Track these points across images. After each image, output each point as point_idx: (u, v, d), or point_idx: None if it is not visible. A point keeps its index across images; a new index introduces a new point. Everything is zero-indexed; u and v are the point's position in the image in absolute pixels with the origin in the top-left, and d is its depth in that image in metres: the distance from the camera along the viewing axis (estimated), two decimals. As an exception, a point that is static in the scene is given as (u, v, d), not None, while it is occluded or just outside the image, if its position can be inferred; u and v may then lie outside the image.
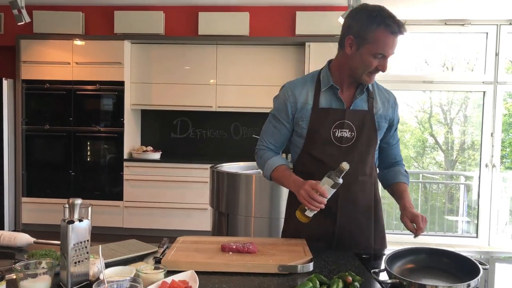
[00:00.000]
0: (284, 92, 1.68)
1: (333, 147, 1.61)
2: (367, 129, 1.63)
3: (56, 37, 4.90)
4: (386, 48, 1.49)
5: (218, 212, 3.26)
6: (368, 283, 1.23)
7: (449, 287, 1.10)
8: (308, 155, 1.65)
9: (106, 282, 1.09)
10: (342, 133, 1.61)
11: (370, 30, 1.48)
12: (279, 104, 1.70)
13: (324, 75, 1.66)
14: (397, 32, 1.48)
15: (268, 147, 1.74)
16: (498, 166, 5.12)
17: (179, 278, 1.18)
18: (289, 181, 1.58)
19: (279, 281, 1.26)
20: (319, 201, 1.41)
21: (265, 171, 1.71)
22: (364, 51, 1.51)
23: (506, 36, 5.03)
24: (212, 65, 4.97)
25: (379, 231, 1.74)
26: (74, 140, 4.97)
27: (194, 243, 1.51)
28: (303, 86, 1.67)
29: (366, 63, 1.52)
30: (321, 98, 1.63)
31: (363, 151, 1.63)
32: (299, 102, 1.64)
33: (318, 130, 1.61)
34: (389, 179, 1.78)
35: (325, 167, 1.54)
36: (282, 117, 1.68)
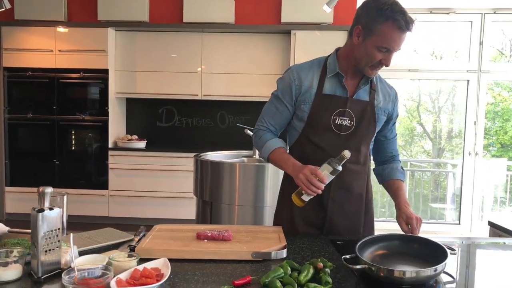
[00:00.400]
0: (290, 74, 1.67)
1: (332, 133, 1.62)
2: (367, 120, 1.65)
3: (38, 24, 4.81)
4: (391, 42, 1.49)
5: (202, 201, 3.26)
6: (339, 269, 1.25)
7: (416, 272, 1.12)
8: (306, 139, 1.66)
9: (77, 270, 1.09)
10: (342, 121, 1.63)
11: (378, 23, 1.48)
12: (283, 86, 1.68)
13: (331, 61, 1.66)
14: (404, 28, 1.47)
15: (268, 128, 1.73)
16: (480, 154, 5.19)
17: (152, 265, 1.18)
18: (288, 164, 1.58)
19: (253, 268, 1.27)
20: (317, 186, 1.43)
21: (263, 152, 1.70)
22: (370, 42, 1.51)
23: (490, 25, 5.06)
24: (198, 53, 4.93)
25: (368, 220, 1.77)
26: (58, 129, 4.92)
27: (170, 231, 1.51)
28: (309, 70, 1.66)
29: (370, 55, 1.53)
30: (326, 84, 1.64)
31: (360, 141, 1.66)
32: (304, 86, 1.64)
33: (319, 116, 1.62)
34: (385, 176, 1.80)
35: (322, 153, 1.59)
36: (285, 99, 1.67)
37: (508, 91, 5.71)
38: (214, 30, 4.86)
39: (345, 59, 1.64)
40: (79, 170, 4.94)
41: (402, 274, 1.12)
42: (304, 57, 4.51)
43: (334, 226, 1.69)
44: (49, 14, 4.82)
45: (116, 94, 5.00)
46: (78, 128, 4.94)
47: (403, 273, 1.12)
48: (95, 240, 1.46)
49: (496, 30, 5.29)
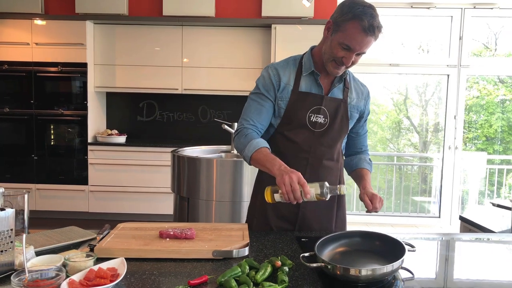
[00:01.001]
0: (270, 70, 1.67)
1: (307, 130, 1.64)
2: (340, 117, 1.67)
3: (14, 16, 4.70)
4: (352, 41, 1.49)
5: (179, 197, 3.24)
6: (298, 267, 1.25)
7: (371, 269, 1.12)
8: (281, 135, 1.67)
9: (28, 272, 1.07)
10: (317, 118, 1.65)
11: (345, 20, 1.50)
12: (265, 82, 1.67)
13: (306, 60, 1.67)
14: (367, 31, 1.47)
15: (255, 126, 1.64)
16: (460, 148, 5.25)
17: (108, 265, 1.17)
18: (274, 164, 1.46)
19: (213, 266, 1.26)
20: (296, 198, 1.35)
21: (246, 150, 1.57)
22: (335, 38, 1.53)
23: (470, 20, 5.10)
24: (178, 47, 4.88)
25: (340, 216, 1.79)
26: (36, 123, 4.83)
27: (134, 230, 1.49)
28: (286, 67, 1.68)
29: (333, 50, 1.55)
30: (302, 82, 1.65)
31: (334, 138, 1.68)
32: (282, 82, 1.65)
33: (295, 113, 1.64)
34: (353, 165, 1.83)
35: (297, 148, 1.62)
36: (269, 94, 1.65)
37: (493, 85, 5.76)
38: (194, 24, 4.81)
39: (319, 56, 1.65)
40: (58, 165, 4.87)
41: (358, 272, 1.12)
42: (284, 51, 4.52)
43: (306, 222, 1.70)
44: (25, 6, 4.72)
45: (96, 88, 4.93)
46: (56, 123, 4.86)
47: (359, 271, 1.12)
48: (55, 239, 1.44)
49: (481, 24, 5.34)
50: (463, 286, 1.26)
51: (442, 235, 1.83)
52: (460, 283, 1.28)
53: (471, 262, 1.47)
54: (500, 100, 5.77)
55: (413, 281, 1.23)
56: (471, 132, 5.81)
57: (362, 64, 5.24)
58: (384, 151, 6.03)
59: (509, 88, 5.71)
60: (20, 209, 1.49)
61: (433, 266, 1.42)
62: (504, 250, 1.64)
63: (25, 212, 1.51)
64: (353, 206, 5.68)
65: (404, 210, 5.66)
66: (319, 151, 1.67)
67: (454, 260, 1.49)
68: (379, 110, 5.92)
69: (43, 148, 4.86)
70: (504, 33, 5.46)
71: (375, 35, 1.50)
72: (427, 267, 1.38)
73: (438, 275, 1.33)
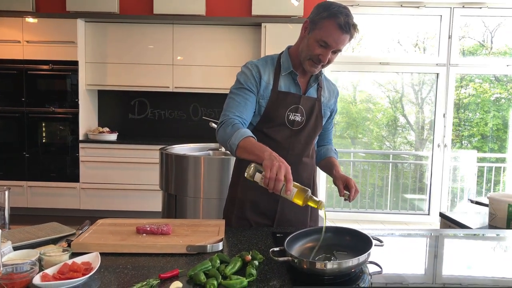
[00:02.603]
0: (251, 67, 1.68)
1: (285, 128, 1.69)
2: (315, 116, 1.74)
3: (5, 14, 4.72)
4: (329, 38, 1.54)
5: (167, 194, 3.28)
6: (269, 261, 1.29)
7: (337, 263, 1.16)
8: (260, 132, 1.69)
9: (2, 266, 1.10)
10: (295, 116, 1.70)
11: (322, 18, 1.56)
12: (247, 77, 1.67)
13: (284, 60, 1.71)
14: (343, 28, 1.52)
15: (241, 117, 1.61)
16: (449, 146, 5.30)
17: (83, 259, 1.20)
18: (264, 150, 1.40)
19: (186, 261, 1.29)
20: (276, 188, 1.30)
21: (233, 139, 1.50)
22: (312, 36, 1.59)
23: (459, 19, 5.14)
24: (169, 45, 4.90)
25: (314, 210, 1.84)
26: (27, 121, 4.85)
27: (112, 226, 1.53)
28: (265, 66, 1.70)
29: (310, 47, 1.60)
30: (281, 81, 1.69)
31: (310, 135, 1.74)
32: (263, 81, 1.68)
33: (275, 111, 1.68)
34: (321, 155, 1.93)
35: (277, 146, 1.61)
36: (252, 88, 1.65)
37: (489, 83, 5.81)
38: (185, 22, 4.84)
39: (296, 56, 1.70)
40: (49, 162, 4.90)
41: (323, 266, 1.15)
42: (274, 49, 4.54)
43: (284, 218, 1.75)
44: (16, 4, 4.73)
45: (87, 86, 4.95)
46: (48, 121, 4.88)
47: (325, 265, 1.15)
48: (35, 235, 1.47)
49: (477, 22, 5.40)
50: (428, 280, 1.30)
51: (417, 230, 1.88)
52: (425, 277, 1.32)
53: (441, 257, 1.51)
54: (495, 98, 5.82)
55: (380, 275, 1.27)
56: (467, 130, 5.86)
57: (352, 62, 5.30)
58: (380, 149, 6.08)
59: (504, 87, 5.76)
60: (1, 206, 1.53)
61: (402, 261, 1.46)
62: (474, 244, 1.69)
63: (6, 208, 1.54)
64: (346, 203, 5.73)
65: (398, 208, 5.71)
66: (297, 148, 1.72)
67: (423, 254, 1.54)
68: (375, 108, 5.96)
69: (34, 146, 4.88)
70: (499, 31, 5.51)
71: (350, 33, 1.55)
72: (396, 262, 1.42)
73: (405, 270, 1.37)
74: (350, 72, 5.67)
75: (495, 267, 1.39)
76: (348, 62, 5.31)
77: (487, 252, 1.59)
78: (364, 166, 5.96)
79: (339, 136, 5.83)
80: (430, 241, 1.71)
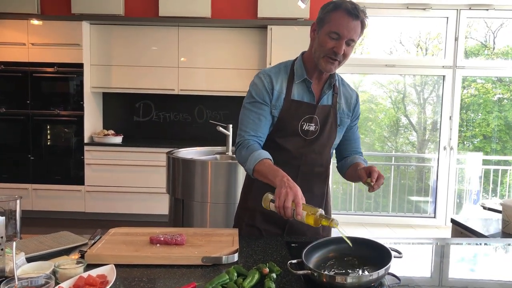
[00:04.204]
0: (263, 78, 1.66)
1: (298, 138, 1.66)
2: (329, 124, 1.68)
3: (10, 17, 4.71)
4: (339, 27, 1.51)
5: (174, 198, 3.26)
6: (286, 273, 1.26)
7: (357, 277, 1.14)
8: (273, 143, 1.67)
9: (18, 279, 1.08)
10: (309, 126, 1.65)
11: (328, 12, 1.55)
12: (258, 89, 1.64)
13: (298, 67, 1.67)
14: (351, 13, 1.50)
15: (256, 136, 1.62)
16: (455, 148, 5.27)
17: (98, 272, 1.18)
18: (276, 175, 1.44)
19: (202, 273, 1.27)
20: (287, 215, 1.34)
21: (248, 163, 1.55)
22: (322, 32, 1.55)
23: (465, 21, 5.12)
24: (174, 48, 4.89)
25: None
26: (33, 123, 4.84)
27: (124, 235, 1.51)
28: (278, 75, 1.66)
29: (322, 43, 1.55)
30: (294, 89, 1.65)
31: (323, 144, 1.69)
32: (276, 90, 1.64)
33: (288, 121, 1.64)
34: (347, 164, 1.80)
35: (289, 156, 1.63)
36: (266, 101, 1.63)
37: (492, 83, 5.78)
38: (190, 25, 4.82)
39: (310, 62, 1.65)
40: (54, 165, 4.88)
41: (343, 279, 1.13)
42: (280, 51, 4.54)
43: (295, 227, 1.71)
44: (22, 6, 4.73)
45: (92, 88, 4.94)
46: (53, 123, 4.87)
47: (345, 279, 1.13)
48: (47, 245, 1.45)
49: (480, 22, 5.37)
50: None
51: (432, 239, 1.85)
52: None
53: (458, 268, 1.49)
54: (497, 99, 5.79)
55: (399, 287, 1.25)
56: (469, 130, 5.83)
57: (358, 64, 5.27)
58: (382, 149, 6.05)
59: (507, 87, 5.73)
60: (12, 214, 1.51)
61: (419, 272, 1.44)
62: (493, 254, 1.66)
63: (17, 217, 1.52)
64: (351, 206, 5.71)
65: (401, 209, 5.69)
66: (310, 158, 1.68)
67: (441, 265, 1.51)
68: (377, 108, 5.94)
69: (39, 148, 4.87)
70: (502, 31, 5.48)
71: (360, 18, 1.52)
72: (413, 273, 1.40)
73: (425, 281, 1.35)
74: (354, 75, 5.65)
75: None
76: (354, 64, 5.28)
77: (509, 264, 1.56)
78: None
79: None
80: (447, 251, 1.68)
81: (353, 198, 5.75)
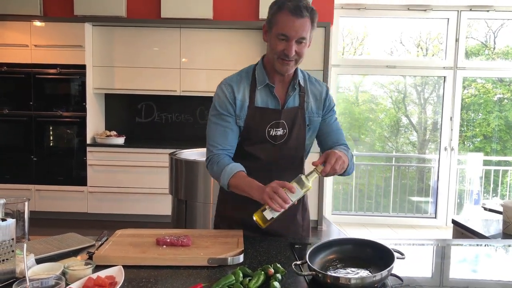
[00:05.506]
0: (224, 88, 1.65)
1: (267, 144, 1.64)
2: (298, 126, 1.66)
3: (13, 18, 4.73)
4: (285, 28, 1.49)
5: (177, 199, 3.28)
6: (291, 274, 1.29)
7: (361, 278, 1.16)
8: (243, 151, 1.67)
9: (29, 280, 1.11)
10: (276, 132, 1.63)
11: (274, 13, 1.53)
12: (222, 101, 1.64)
13: (259, 72, 1.64)
14: (294, 13, 1.47)
15: (224, 149, 1.62)
16: (456, 149, 5.29)
17: (106, 273, 1.21)
18: (252, 187, 1.47)
19: (208, 274, 1.30)
20: (283, 199, 1.34)
21: (222, 179, 1.57)
22: (272, 34, 1.54)
23: (466, 22, 5.14)
24: (176, 49, 4.91)
25: (306, 219, 1.82)
26: (35, 125, 4.87)
27: (131, 237, 1.53)
28: (240, 83, 1.65)
29: (273, 46, 1.54)
30: (257, 96, 1.64)
31: (294, 147, 1.67)
32: (238, 100, 1.63)
33: (254, 129, 1.63)
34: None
35: (260, 163, 1.62)
36: (230, 112, 1.63)
37: (492, 83, 5.79)
38: (192, 26, 4.84)
39: (270, 64, 1.62)
40: (57, 166, 4.91)
41: (347, 280, 1.16)
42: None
43: (273, 230, 1.65)
44: (24, 8, 4.75)
45: (94, 90, 4.96)
46: (55, 124, 4.89)
47: (349, 280, 1.16)
48: (55, 246, 1.47)
49: (480, 23, 5.39)
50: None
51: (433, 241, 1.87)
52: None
53: (459, 269, 1.51)
54: (498, 99, 5.80)
55: (401, 287, 1.27)
56: (469, 130, 5.84)
57: (358, 65, 5.30)
58: (382, 149, 6.07)
59: (507, 87, 5.74)
60: (21, 216, 1.53)
61: (421, 272, 1.46)
62: (494, 255, 1.68)
63: (26, 219, 1.54)
64: (351, 206, 5.73)
65: (402, 210, 5.70)
66: (281, 162, 1.66)
67: (442, 266, 1.54)
68: (378, 108, 5.96)
69: (42, 149, 4.90)
70: (502, 31, 5.50)
71: (304, 16, 1.49)
72: (415, 274, 1.42)
73: (426, 281, 1.37)
74: (355, 76, 5.67)
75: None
76: (355, 66, 5.32)
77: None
78: (367, 167, 5.96)
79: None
80: (448, 252, 1.70)
81: (353, 199, 5.77)
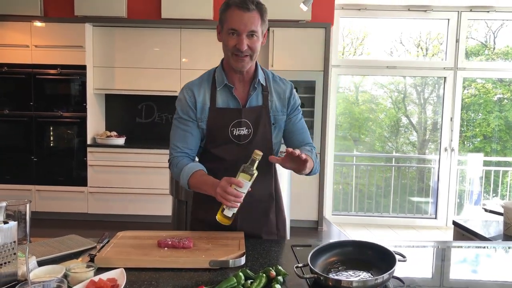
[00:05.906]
0: (185, 93, 1.67)
1: (232, 144, 1.65)
2: (262, 125, 1.66)
3: (14, 19, 4.73)
4: (234, 23, 1.52)
5: (177, 200, 3.28)
6: (292, 277, 1.29)
7: (363, 281, 1.16)
8: (209, 153, 1.68)
9: (31, 283, 1.11)
10: (239, 131, 1.64)
11: (222, 12, 1.58)
12: (183, 105, 1.66)
13: (218, 74, 1.68)
14: (241, 6, 1.51)
15: (183, 151, 1.66)
16: (456, 150, 5.29)
17: (108, 276, 1.21)
18: (208, 185, 1.51)
19: (210, 276, 1.30)
20: (234, 195, 1.39)
21: (182, 179, 1.60)
22: (224, 32, 1.58)
23: (466, 23, 5.14)
24: (176, 49, 4.91)
25: (281, 219, 1.82)
26: (36, 125, 4.87)
27: (132, 239, 1.53)
28: (200, 86, 1.68)
29: (225, 42, 1.57)
30: (218, 97, 1.66)
31: (260, 146, 1.63)
32: (199, 102, 1.65)
33: (216, 130, 1.64)
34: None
35: (227, 164, 1.62)
36: (190, 116, 1.65)
37: (492, 83, 5.79)
38: (192, 26, 4.84)
39: (229, 65, 1.65)
40: (57, 166, 4.91)
41: (349, 283, 1.16)
42: (282, 53, 4.56)
43: (247, 231, 1.66)
44: (25, 8, 4.75)
45: (95, 90, 4.96)
46: (56, 125, 4.89)
47: (351, 283, 1.16)
48: (56, 248, 1.47)
49: (480, 23, 5.39)
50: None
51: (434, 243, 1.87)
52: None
53: (460, 270, 1.51)
54: (498, 99, 5.81)
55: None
56: (469, 130, 5.85)
57: (359, 66, 5.30)
58: (382, 149, 6.07)
59: (507, 87, 5.75)
60: (22, 217, 1.53)
61: (422, 274, 1.46)
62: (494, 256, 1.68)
63: (27, 221, 1.54)
64: (351, 207, 5.73)
65: (402, 210, 5.71)
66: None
67: (443, 268, 1.54)
68: (378, 108, 5.96)
69: (42, 150, 4.90)
70: (502, 31, 5.50)
71: (250, 9, 1.51)
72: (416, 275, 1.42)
73: (427, 283, 1.37)
74: (355, 76, 5.67)
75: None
76: (355, 66, 5.32)
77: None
78: (367, 167, 5.96)
79: (342, 137, 5.82)
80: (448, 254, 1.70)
81: (353, 199, 5.77)
